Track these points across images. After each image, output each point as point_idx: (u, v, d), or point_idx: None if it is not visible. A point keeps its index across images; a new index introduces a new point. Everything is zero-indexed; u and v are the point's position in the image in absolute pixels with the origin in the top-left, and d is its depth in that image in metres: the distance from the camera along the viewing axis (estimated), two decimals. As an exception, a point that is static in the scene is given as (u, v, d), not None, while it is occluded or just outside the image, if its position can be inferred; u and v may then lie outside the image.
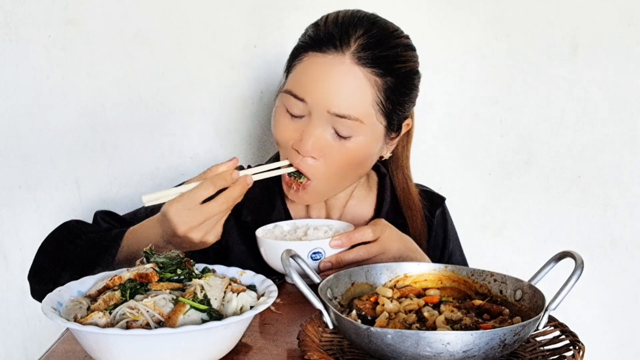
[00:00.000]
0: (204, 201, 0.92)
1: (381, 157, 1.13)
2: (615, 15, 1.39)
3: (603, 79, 1.41)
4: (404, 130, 1.11)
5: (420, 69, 1.08)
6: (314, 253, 0.96)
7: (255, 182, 1.16)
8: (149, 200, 0.94)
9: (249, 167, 1.21)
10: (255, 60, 1.43)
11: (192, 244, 0.94)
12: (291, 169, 1.04)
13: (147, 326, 0.69)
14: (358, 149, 1.03)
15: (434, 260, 1.18)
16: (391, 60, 1.02)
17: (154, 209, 0.99)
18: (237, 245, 1.13)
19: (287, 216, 1.15)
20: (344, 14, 1.04)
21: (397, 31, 1.06)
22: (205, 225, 0.92)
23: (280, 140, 1.06)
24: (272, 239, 1.02)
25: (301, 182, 1.05)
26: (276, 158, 1.17)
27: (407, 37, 1.07)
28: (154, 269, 0.77)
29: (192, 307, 0.71)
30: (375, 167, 1.21)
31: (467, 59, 1.43)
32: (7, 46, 1.41)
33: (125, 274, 0.76)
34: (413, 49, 1.07)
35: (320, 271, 0.96)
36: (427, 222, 1.19)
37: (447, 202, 1.27)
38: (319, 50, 1.02)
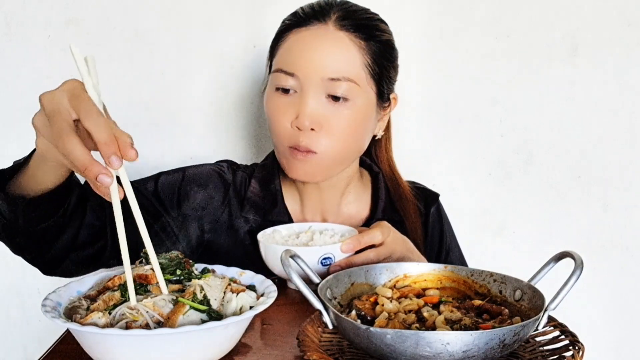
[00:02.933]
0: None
1: (374, 137, 1.15)
2: (615, 15, 1.39)
3: (603, 79, 1.41)
4: (392, 104, 1.14)
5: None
6: (325, 258, 0.96)
7: (257, 179, 1.16)
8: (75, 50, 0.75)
9: (229, 164, 1.20)
10: (255, 60, 1.43)
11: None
12: None
13: (146, 326, 0.69)
14: (355, 113, 1.05)
15: (432, 257, 1.19)
16: (371, 27, 1.07)
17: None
18: (242, 228, 1.13)
19: (287, 214, 1.15)
20: (318, 1, 1.10)
21: (369, 9, 1.11)
22: (49, 118, 0.68)
23: (278, 122, 1.06)
24: (275, 244, 1.00)
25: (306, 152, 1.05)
26: (273, 157, 1.17)
27: (377, 14, 1.11)
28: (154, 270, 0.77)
29: (191, 307, 0.71)
30: (368, 167, 1.22)
31: (467, 59, 1.43)
32: (7, 46, 1.41)
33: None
34: (387, 24, 1.11)
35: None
36: (422, 219, 1.20)
37: (447, 202, 1.27)
38: (302, 26, 1.06)
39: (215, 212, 1.12)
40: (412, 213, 1.18)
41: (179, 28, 1.42)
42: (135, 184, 1.06)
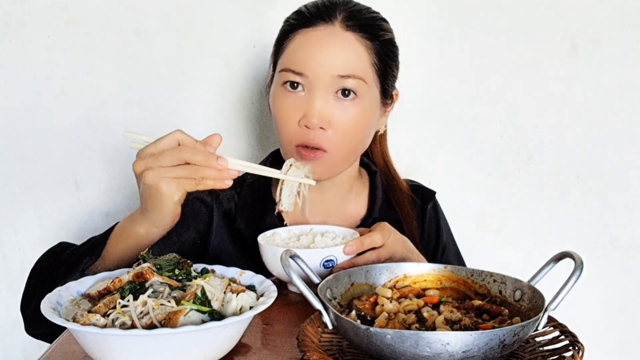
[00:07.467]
0: None
1: (377, 133, 1.16)
2: (614, 15, 1.39)
3: (603, 79, 1.41)
4: (394, 100, 1.15)
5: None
6: (327, 261, 0.95)
7: (248, 184, 1.15)
8: (131, 138, 0.93)
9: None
10: (255, 60, 1.43)
11: (149, 191, 0.89)
12: (290, 177, 1.02)
13: (147, 327, 0.69)
14: (362, 111, 1.06)
15: (428, 254, 1.19)
16: (375, 27, 1.08)
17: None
18: (231, 252, 1.12)
19: (280, 220, 1.14)
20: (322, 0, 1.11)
21: (371, 7, 1.12)
22: (159, 165, 0.88)
23: (285, 120, 1.06)
24: (276, 247, 0.98)
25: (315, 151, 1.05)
26: (274, 158, 1.16)
27: (379, 13, 1.13)
28: (150, 268, 0.77)
29: (193, 309, 0.71)
30: (366, 166, 1.22)
31: (467, 59, 1.43)
32: (7, 46, 1.41)
33: (125, 276, 0.76)
34: (388, 22, 1.13)
35: None
36: (419, 216, 1.21)
37: (446, 202, 1.27)
38: (308, 26, 1.06)
39: (204, 239, 1.12)
40: (407, 205, 1.19)
41: (179, 28, 1.42)
42: None
